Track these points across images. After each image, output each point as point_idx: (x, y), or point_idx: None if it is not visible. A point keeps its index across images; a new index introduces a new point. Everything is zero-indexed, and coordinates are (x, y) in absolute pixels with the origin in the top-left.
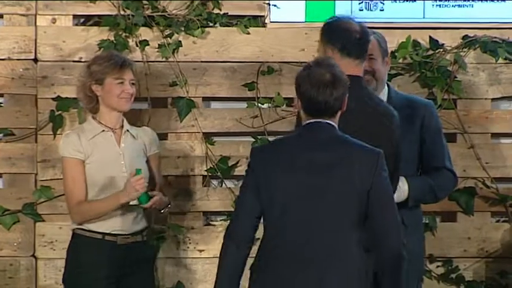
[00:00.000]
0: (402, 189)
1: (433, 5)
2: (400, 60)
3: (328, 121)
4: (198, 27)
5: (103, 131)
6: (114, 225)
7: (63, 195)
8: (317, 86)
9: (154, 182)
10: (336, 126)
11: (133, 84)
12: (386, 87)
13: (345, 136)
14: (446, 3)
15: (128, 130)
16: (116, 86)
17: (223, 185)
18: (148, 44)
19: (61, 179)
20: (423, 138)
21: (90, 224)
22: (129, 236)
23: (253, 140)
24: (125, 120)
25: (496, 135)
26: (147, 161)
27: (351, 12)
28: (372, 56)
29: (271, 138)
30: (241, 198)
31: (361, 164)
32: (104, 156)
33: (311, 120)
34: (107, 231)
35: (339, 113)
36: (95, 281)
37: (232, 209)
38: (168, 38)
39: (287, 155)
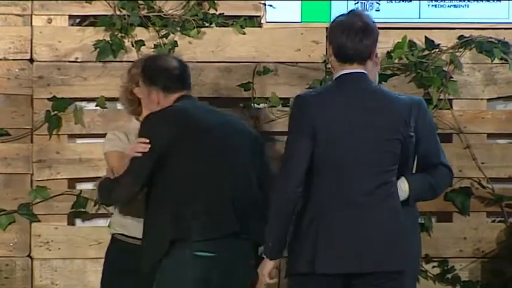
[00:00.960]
0: (403, 189)
1: (428, 5)
2: (396, 61)
3: (360, 70)
4: (194, 28)
5: None
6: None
7: (58, 195)
8: (347, 32)
9: None
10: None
11: None
12: None
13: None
14: (441, 3)
15: None
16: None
17: None
18: (144, 44)
19: (57, 179)
20: (418, 136)
21: (130, 230)
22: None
23: None
24: None
25: (492, 136)
26: None
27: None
28: None
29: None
30: (295, 142)
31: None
32: None
33: (344, 72)
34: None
35: (369, 62)
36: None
37: None
38: (164, 38)
39: (339, 99)
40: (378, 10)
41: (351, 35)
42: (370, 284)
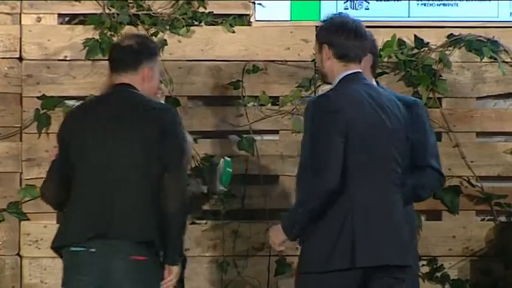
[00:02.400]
0: None
1: (418, 4)
2: (385, 59)
3: (360, 70)
4: (183, 26)
5: None
6: None
7: None
8: (350, 34)
9: None
10: None
11: (161, 82)
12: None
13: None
14: (431, 2)
15: None
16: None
17: None
18: None
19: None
20: (409, 137)
21: None
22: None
23: (239, 138)
24: None
25: (481, 134)
26: None
27: (336, 11)
28: None
29: (256, 137)
30: (330, 144)
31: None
32: None
33: (349, 72)
34: None
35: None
36: None
37: (216, 209)
38: (153, 37)
39: (360, 99)
40: (368, 9)
41: (355, 36)
42: (391, 277)
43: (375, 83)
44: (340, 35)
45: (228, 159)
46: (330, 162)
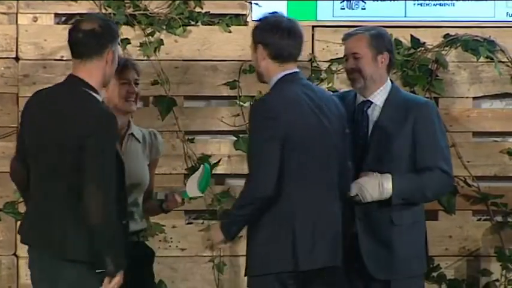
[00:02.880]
0: (385, 187)
1: (414, 4)
2: None
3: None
4: (180, 26)
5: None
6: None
7: None
8: (285, 32)
9: (151, 186)
10: None
11: (137, 84)
12: (388, 85)
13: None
14: (427, 2)
15: (132, 133)
16: (119, 86)
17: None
18: (129, 43)
19: None
20: (416, 138)
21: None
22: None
23: (235, 138)
24: (132, 122)
25: (478, 134)
26: (149, 165)
27: (332, 11)
28: (356, 55)
29: None
30: (266, 151)
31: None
32: None
33: (287, 72)
34: None
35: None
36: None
37: (213, 208)
38: (150, 37)
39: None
40: (364, 8)
41: (288, 35)
42: (327, 279)
43: (389, 82)
44: (274, 34)
45: (208, 166)
46: (264, 169)
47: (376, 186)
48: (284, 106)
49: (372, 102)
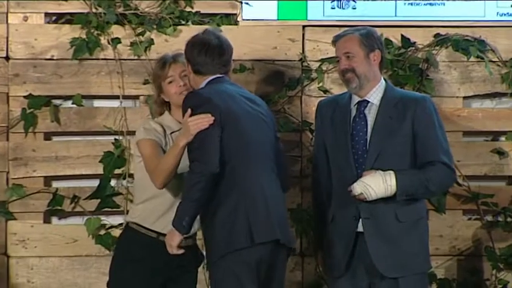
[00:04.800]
0: (389, 184)
1: (404, 3)
2: None
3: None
4: (170, 25)
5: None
6: (170, 226)
7: (35, 193)
8: (205, 50)
9: None
10: None
11: (185, 76)
12: (383, 83)
13: None
14: (418, 1)
15: None
16: (169, 86)
17: None
18: (120, 42)
19: (33, 177)
20: (416, 133)
21: (146, 221)
22: (183, 239)
23: None
24: None
25: (468, 133)
26: None
27: (323, 11)
28: (349, 54)
29: None
30: (206, 134)
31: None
32: None
33: (210, 78)
34: (163, 232)
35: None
36: (140, 278)
37: None
38: (140, 36)
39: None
40: (355, 8)
41: (205, 53)
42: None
43: (383, 80)
44: (193, 51)
45: None
46: (207, 148)
47: (381, 183)
48: (215, 95)
49: (368, 102)
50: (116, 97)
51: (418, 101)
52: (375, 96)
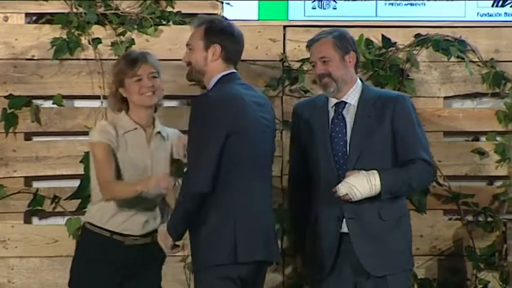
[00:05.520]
0: (373, 183)
1: (385, 4)
2: None
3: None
4: (151, 25)
5: (135, 128)
6: (124, 225)
7: (15, 193)
8: (236, 36)
9: None
10: None
11: (154, 77)
12: (359, 84)
13: None
14: (398, 2)
15: (159, 132)
16: (133, 84)
17: (177, 183)
18: (101, 42)
19: (13, 177)
20: (395, 131)
21: (101, 220)
22: (138, 237)
23: None
24: (157, 120)
25: (448, 134)
26: (171, 164)
27: (304, 11)
28: (324, 59)
29: None
30: (205, 147)
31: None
32: (133, 154)
33: (226, 72)
34: (116, 230)
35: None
36: (97, 277)
37: None
38: (121, 36)
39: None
40: (335, 8)
41: (241, 42)
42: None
43: (359, 81)
44: (230, 38)
45: None
46: (203, 166)
47: (365, 183)
48: (226, 101)
49: (346, 103)
50: (97, 97)
51: (396, 100)
52: (352, 97)
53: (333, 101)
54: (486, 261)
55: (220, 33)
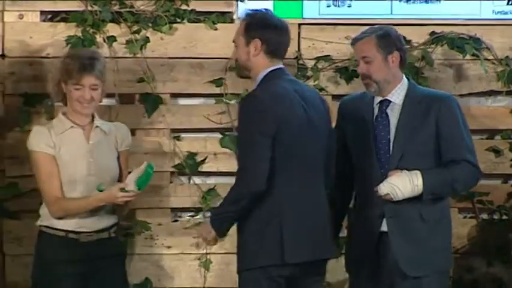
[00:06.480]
0: (416, 184)
1: (400, 1)
2: None
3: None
4: (166, 23)
5: (72, 127)
6: (77, 223)
7: (30, 191)
8: (280, 29)
9: (121, 178)
10: None
11: (94, 89)
12: (405, 82)
13: None
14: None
15: (97, 126)
16: (74, 91)
17: (191, 181)
18: (115, 40)
19: (29, 175)
20: (440, 132)
21: (54, 221)
22: (92, 233)
23: (221, 136)
24: (96, 116)
25: None
26: (118, 157)
27: (319, 9)
28: (366, 59)
29: None
30: (255, 146)
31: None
32: (71, 153)
33: (273, 67)
34: (70, 229)
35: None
36: (58, 278)
37: (200, 206)
38: (136, 34)
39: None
40: (350, 6)
41: (284, 33)
42: (314, 272)
43: (405, 79)
44: (273, 31)
45: (151, 164)
46: (256, 164)
47: (407, 184)
48: (274, 100)
49: (390, 101)
50: (112, 95)
51: (442, 100)
52: (396, 96)
53: (377, 98)
54: (501, 259)
55: (260, 27)
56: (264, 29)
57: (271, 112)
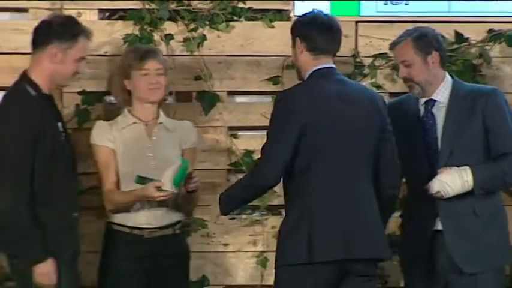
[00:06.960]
0: (466, 180)
1: None
2: None
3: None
4: (223, 21)
5: (135, 123)
6: (141, 220)
7: (91, 188)
8: (325, 28)
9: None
10: None
11: (160, 74)
12: (448, 80)
13: None
14: None
15: (161, 122)
16: (140, 78)
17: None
18: (173, 38)
19: (89, 173)
20: (487, 127)
21: (119, 218)
22: (156, 229)
23: None
24: (162, 113)
25: None
26: (182, 154)
27: (376, 6)
28: (406, 62)
29: None
30: (278, 142)
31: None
32: (131, 148)
33: (319, 67)
34: (134, 225)
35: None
36: (122, 274)
37: (257, 204)
38: (193, 32)
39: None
40: (407, 4)
41: (326, 29)
42: (359, 273)
43: (449, 77)
44: (311, 28)
45: (186, 161)
46: (273, 160)
47: (457, 180)
48: (307, 99)
49: (435, 101)
50: (169, 93)
51: (488, 94)
52: (441, 94)
53: (423, 99)
54: None
55: (300, 26)
56: (303, 26)
57: (301, 110)
